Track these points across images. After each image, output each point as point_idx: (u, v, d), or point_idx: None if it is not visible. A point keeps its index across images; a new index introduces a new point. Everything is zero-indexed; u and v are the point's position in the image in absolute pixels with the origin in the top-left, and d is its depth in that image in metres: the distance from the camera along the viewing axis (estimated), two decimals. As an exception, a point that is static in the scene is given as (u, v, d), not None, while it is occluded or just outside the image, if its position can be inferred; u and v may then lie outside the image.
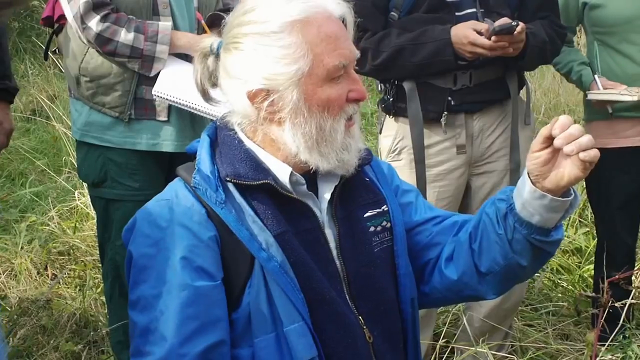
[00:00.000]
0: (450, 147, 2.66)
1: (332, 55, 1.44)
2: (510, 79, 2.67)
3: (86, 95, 2.65)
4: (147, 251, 1.43)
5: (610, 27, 2.85)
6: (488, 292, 1.60)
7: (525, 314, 3.36)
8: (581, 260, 3.78)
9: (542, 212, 1.43)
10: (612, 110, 2.82)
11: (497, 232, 1.50)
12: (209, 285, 1.40)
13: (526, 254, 1.50)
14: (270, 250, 1.42)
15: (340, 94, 1.46)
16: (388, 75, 2.65)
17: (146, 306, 1.41)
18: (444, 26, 2.52)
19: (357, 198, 1.57)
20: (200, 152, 1.49)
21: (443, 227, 1.64)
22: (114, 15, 2.53)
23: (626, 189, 2.95)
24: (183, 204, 1.43)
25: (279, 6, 1.43)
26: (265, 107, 1.44)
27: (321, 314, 1.46)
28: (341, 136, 1.47)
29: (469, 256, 1.56)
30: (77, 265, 3.85)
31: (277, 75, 1.42)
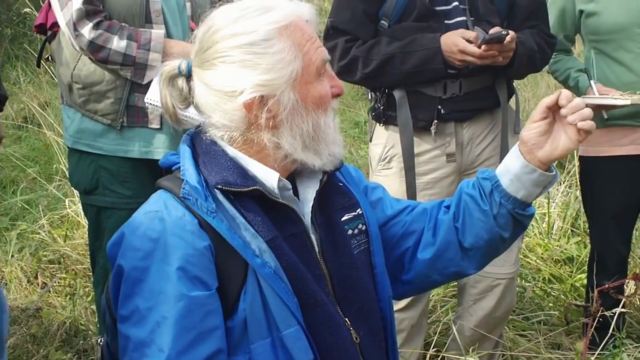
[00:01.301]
0: (440, 155, 2.67)
1: (317, 52, 1.49)
2: (500, 88, 2.68)
3: (78, 102, 2.65)
4: (138, 264, 1.42)
5: (605, 35, 2.87)
6: (470, 267, 1.72)
7: (516, 323, 3.36)
8: (573, 270, 3.78)
9: (528, 187, 1.59)
10: (607, 116, 2.83)
11: (483, 208, 1.63)
12: (205, 294, 1.40)
13: (508, 227, 1.64)
14: (264, 256, 1.43)
15: (327, 89, 1.51)
16: (378, 83, 2.66)
17: (140, 319, 1.40)
18: (433, 34, 2.53)
19: (334, 202, 1.60)
20: (183, 163, 1.49)
21: (415, 216, 1.73)
22: (107, 22, 2.53)
23: (620, 197, 2.96)
24: (174, 214, 1.43)
25: (261, 16, 1.47)
26: (263, 114, 1.46)
27: (314, 317, 1.48)
28: (331, 131, 1.52)
29: (453, 234, 1.68)
30: (68, 274, 3.84)
31: (273, 80, 1.45)
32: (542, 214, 4.25)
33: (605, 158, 2.93)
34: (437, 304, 3.44)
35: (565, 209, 4.30)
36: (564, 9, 2.95)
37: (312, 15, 1.54)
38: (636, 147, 2.90)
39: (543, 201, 4.34)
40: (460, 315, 2.86)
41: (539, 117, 1.55)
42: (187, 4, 2.70)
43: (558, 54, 3.03)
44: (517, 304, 3.43)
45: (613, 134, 2.91)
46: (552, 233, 4.11)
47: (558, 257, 3.90)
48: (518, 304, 3.45)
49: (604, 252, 3.05)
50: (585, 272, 3.71)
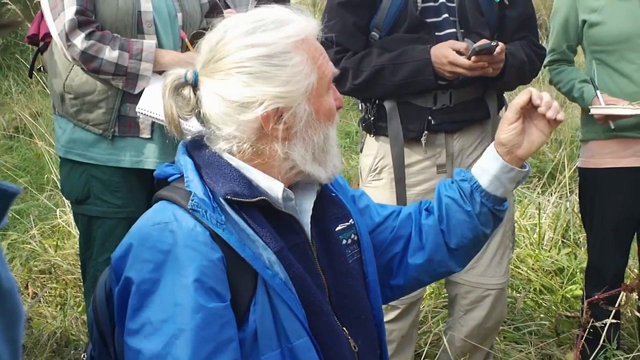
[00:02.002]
0: (431, 166, 2.68)
1: (329, 66, 1.52)
2: (490, 99, 2.69)
3: (70, 112, 2.65)
4: (149, 276, 1.40)
5: (608, 46, 2.86)
6: (456, 265, 1.78)
7: (507, 333, 3.37)
8: (564, 281, 3.79)
9: (506, 184, 1.68)
10: (614, 126, 2.81)
11: (466, 209, 1.70)
12: (221, 306, 1.40)
13: (489, 224, 1.72)
14: (274, 267, 1.44)
15: (333, 102, 1.54)
16: (369, 94, 2.67)
17: (153, 332, 1.38)
18: (424, 46, 2.54)
19: (328, 213, 1.61)
20: (187, 175, 1.47)
21: (401, 221, 1.76)
22: (99, 33, 2.54)
23: (620, 209, 2.94)
24: (185, 225, 1.41)
25: (278, 29, 1.47)
26: (280, 126, 1.46)
27: (320, 327, 1.49)
28: (335, 143, 1.55)
29: (440, 237, 1.73)
30: (58, 284, 3.83)
31: (291, 92, 1.45)
32: (533, 224, 4.27)
33: (606, 170, 2.91)
34: (427, 314, 3.44)
35: (556, 219, 4.31)
36: (567, 19, 2.94)
37: (317, 28, 1.55)
38: (638, 159, 2.89)
39: (534, 212, 4.35)
40: (451, 326, 2.86)
41: (514, 118, 1.64)
42: (178, 14, 2.71)
43: (561, 64, 3.03)
44: (508, 314, 3.43)
45: (615, 146, 2.90)
46: (542, 244, 4.12)
47: (549, 268, 3.91)
48: (509, 315, 3.46)
49: (601, 264, 3.03)
50: (576, 283, 3.73)
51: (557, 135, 5.90)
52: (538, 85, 6.79)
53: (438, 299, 3.58)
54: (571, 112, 6.20)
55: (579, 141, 3.80)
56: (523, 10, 2.73)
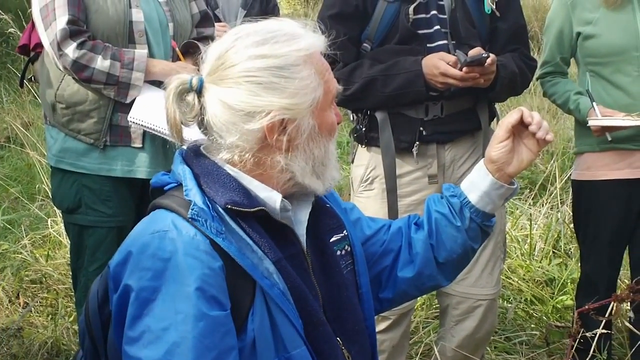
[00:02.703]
0: (422, 177, 2.68)
1: (334, 82, 1.55)
2: (481, 110, 2.70)
3: (62, 122, 2.66)
4: (149, 284, 1.40)
5: (603, 58, 2.86)
6: (444, 279, 1.80)
7: (498, 343, 3.37)
8: (554, 291, 3.80)
9: (495, 201, 1.71)
10: (611, 138, 2.81)
11: (456, 225, 1.72)
12: (223, 314, 1.40)
13: (478, 239, 1.75)
14: (273, 277, 1.45)
15: (334, 117, 1.56)
16: (360, 105, 2.68)
17: (153, 340, 1.38)
18: (415, 57, 2.55)
19: (323, 224, 1.62)
20: (186, 184, 1.48)
21: (392, 235, 1.78)
22: (91, 42, 2.55)
23: (616, 222, 2.94)
24: (185, 233, 1.41)
25: (290, 42, 1.49)
26: (283, 137, 1.47)
27: (317, 337, 1.50)
28: (335, 157, 1.57)
29: (429, 252, 1.75)
30: (49, 294, 3.81)
31: (297, 105, 1.47)
32: (524, 235, 4.28)
33: (601, 182, 2.91)
34: (419, 325, 3.44)
35: (547, 230, 4.33)
36: (561, 31, 2.94)
37: (323, 45, 1.57)
38: (632, 171, 2.88)
39: (525, 223, 4.37)
40: (442, 336, 2.86)
41: (504, 136, 1.66)
42: (169, 24, 2.72)
43: (555, 76, 3.03)
44: (499, 324, 3.44)
45: (609, 158, 2.90)
46: (534, 254, 4.14)
47: (540, 279, 3.92)
48: (500, 325, 3.47)
49: (595, 276, 3.03)
50: (567, 293, 3.74)
51: (549, 147, 5.92)
52: (530, 97, 6.83)
53: (429, 309, 3.58)
54: (563, 123, 6.24)
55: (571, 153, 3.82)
56: (514, 22, 2.75)
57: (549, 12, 3.08)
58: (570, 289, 3.73)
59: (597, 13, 2.87)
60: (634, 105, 2.81)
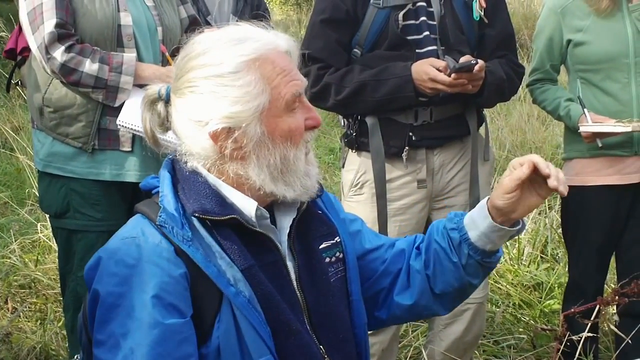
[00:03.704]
0: (411, 181, 2.70)
1: (288, 87, 1.49)
2: (470, 116, 2.73)
3: (49, 125, 2.65)
4: (115, 290, 1.42)
5: (594, 65, 2.88)
6: (441, 309, 1.77)
7: (487, 347, 3.39)
8: (542, 295, 3.83)
9: (495, 241, 1.63)
10: (602, 144, 2.82)
11: (452, 260, 1.67)
12: (180, 322, 1.41)
13: (477, 275, 1.70)
14: (238, 285, 1.44)
15: (299, 123, 1.52)
16: (350, 110, 2.70)
17: (115, 345, 1.40)
18: (405, 63, 2.57)
19: (313, 231, 1.62)
20: (162, 190, 1.50)
21: (394, 255, 1.75)
22: (79, 46, 2.55)
23: (603, 227, 2.96)
24: (151, 241, 1.44)
25: (232, 47, 1.48)
26: (229, 145, 1.47)
27: (288, 346, 1.49)
28: (302, 164, 1.52)
29: (425, 282, 1.72)
30: (38, 299, 3.80)
31: (239, 113, 1.46)
32: (512, 240, 4.31)
33: (590, 188, 2.92)
34: (408, 328, 3.46)
35: (535, 235, 4.36)
36: (551, 38, 2.96)
37: (292, 46, 1.55)
38: (621, 177, 2.90)
39: (513, 228, 4.39)
40: (431, 340, 2.88)
41: (512, 188, 1.55)
42: (158, 28, 2.73)
43: (544, 83, 3.04)
44: (487, 328, 3.46)
45: (599, 164, 2.91)
46: (522, 259, 4.16)
47: (528, 283, 3.94)
48: (488, 329, 3.49)
49: (583, 281, 3.04)
50: (555, 297, 3.76)
51: (537, 152, 5.97)
52: (520, 104, 6.87)
53: (419, 313, 3.59)
54: (552, 130, 6.28)
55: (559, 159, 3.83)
56: (502, 29, 2.78)
57: (539, 19, 3.10)
58: (558, 294, 3.75)
59: (587, 20, 2.90)
60: (624, 112, 2.84)
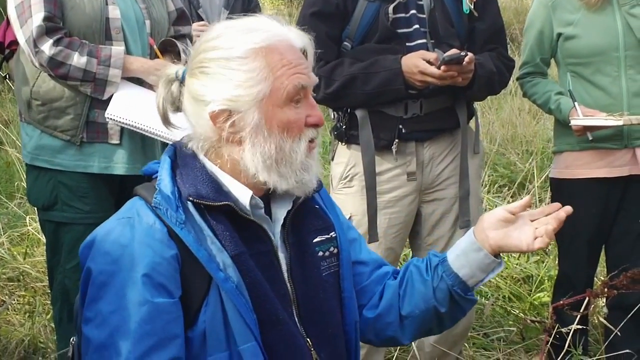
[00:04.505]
0: (401, 174, 2.70)
1: (291, 78, 1.51)
2: (460, 109, 2.73)
3: (37, 119, 2.64)
4: (107, 268, 1.43)
5: (584, 58, 2.89)
6: (404, 336, 1.74)
7: (476, 340, 3.40)
8: (532, 288, 3.84)
9: (472, 266, 1.62)
10: (592, 137, 2.83)
11: (425, 278, 1.67)
12: (168, 302, 1.42)
13: (445, 303, 1.66)
14: (227, 270, 1.45)
15: (299, 117, 1.52)
16: (341, 103, 2.69)
17: (102, 322, 1.42)
18: (395, 56, 2.57)
19: (307, 224, 1.62)
20: (161, 173, 1.52)
21: (378, 276, 1.75)
22: (67, 39, 2.54)
23: (593, 220, 2.97)
24: (145, 222, 1.46)
25: (244, 34, 1.51)
26: (227, 128, 1.49)
27: (273, 335, 1.49)
28: (301, 157, 1.52)
29: (396, 299, 1.71)
30: (27, 292, 3.79)
31: (240, 97, 1.48)
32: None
33: (580, 180, 2.94)
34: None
35: (526, 228, 4.36)
36: (542, 32, 2.97)
37: (307, 44, 1.57)
38: (611, 170, 2.91)
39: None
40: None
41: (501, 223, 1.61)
42: (146, 21, 2.72)
43: (535, 77, 3.05)
44: (477, 321, 3.47)
45: (588, 157, 2.92)
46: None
47: (518, 276, 3.95)
48: (478, 322, 3.50)
49: (573, 274, 3.05)
50: (544, 290, 3.77)
51: (528, 146, 5.98)
52: (511, 98, 6.88)
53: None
54: (543, 124, 6.30)
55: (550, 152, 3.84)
56: (492, 22, 2.77)
57: (529, 13, 3.11)
58: (548, 286, 3.76)
59: (577, 14, 2.90)
60: (614, 105, 2.85)
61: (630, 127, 2.82)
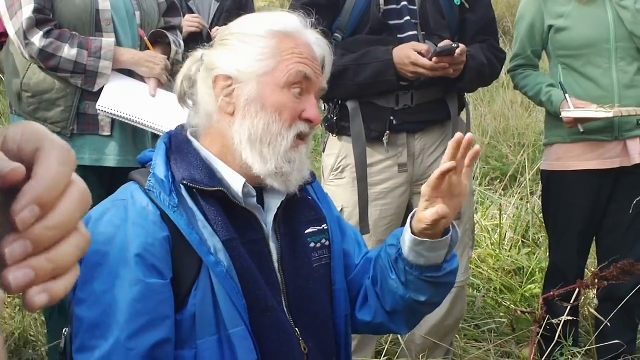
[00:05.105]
0: (392, 165, 2.71)
1: (297, 64, 1.53)
2: (451, 100, 2.73)
3: (28, 111, 2.63)
4: (100, 248, 1.44)
5: (575, 50, 2.90)
6: (400, 327, 1.72)
7: (467, 331, 3.41)
8: (523, 280, 3.85)
9: (425, 254, 1.55)
10: (583, 129, 2.84)
11: (391, 277, 1.62)
12: (160, 283, 1.43)
13: (423, 291, 1.60)
14: (218, 255, 1.46)
15: (295, 106, 1.53)
16: (332, 94, 2.68)
17: (96, 301, 1.42)
18: (386, 47, 2.57)
19: (300, 215, 1.63)
20: (155, 158, 1.53)
21: (363, 266, 1.73)
22: (57, 31, 2.53)
23: (584, 212, 2.98)
24: (139, 204, 1.47)
25: (269, 19, 1.58)
26: (223, 94, 1.52)
27: (262, 322, 1.50)
28: (286, 145, 1.52)
29: (376, 299, 1.68)
30: (18, 285, 3.77)
31: (244, 69, 1.52)
32: (494, 225, 4.33)
33: (571, 172, 2.95)
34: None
35: (517, 220, 4.38)
36: (533, 24, 2.97)
37: (327, 52, 1.59)
38: (602, 162, 2.92)
39: (495, 213, 4.41)
40: (412, 324, 2.88)
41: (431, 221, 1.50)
42: (136, 13, 2.71)
43: (526, 69, 3.06)
44: (468, 313, 3.48)
45: (580, 149, 2.93)
46: (503, 244, 4.18)
47: (509, 268, 3.96)
48: (469, 313, 3.50)
49: (564, 266, 3.06)
50: (536, 282, 3.79)
51: (520, 139, 5.99)
52: (503, 91, 6.89)
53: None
54: (535, 116, 6.31)
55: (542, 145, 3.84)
56: (484, 14, 2.77)
57: (520, 5, 3.11)
58: (539, 278, 3.77)
59: (568, 6, 2.91)
60: (605, 97, 2.86)
61: (621, 119, 2.83)
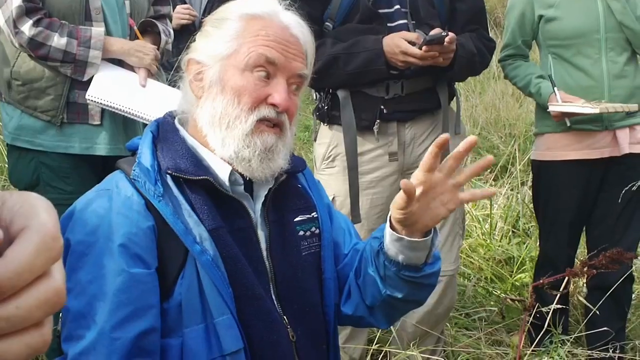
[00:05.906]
0: (383, 154, 2.72)
1: (259, 47, 1.51)
2: (441, 89, 2.74)
3: (17, 99, 2.63)
4: (85, 238, 1.44)
5: (565, 40, 2.91)
6: (380, 322, 1.71)
7: (458, 320, 3.43)
8: (513, 269, 3.88)
9: (404, 252, 1.51)
10: (570, 123, 2.86)
11: (370, 269, 1.60)
12: (145, 272, 1.43)
13: (400, 288, 1.57)
14: (204, 244, 1.45)
15: (257, 90, 1.51)
16: (322, 83, 2.70)
17: (81, 291, 1.42)
18: (376, 36, 2.58)
19: (289, 203, 1.63)
20: (141, 147, 1.53)
21: (351, 257, 1.71)
22: (47, 20, 2.52)
23: (574, 201, 3.00)
24: (123, 193, 1.46)
25: (246, 3, 1.57)
26: (195, 78, 1.54)
27: (249, 310, 1.50)
28: (245, 129, 1.50)
29: (357, 292, 1.67)
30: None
31: (209, 51, 1.54)
32: (485, 215, 4.35)
33: (561, 162, 2.96)
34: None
35: (507, 210, 4.40)
36: (523, 14, 2.98)
37: (302, 30, 1.57)
38: (592, 152, 2.94)
39: (486, 203, 4.43)
40: (403, 312, 2.90)
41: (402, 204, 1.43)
42: (126, 2, 2.70)
43: (516, 59, 3.07)
44: (459, 302, 3.50)
45: (569, 139, 2.95)
46: (494, 234, 4.21)
47: (500, 258, 3.99)
48: (460, 302, 3.53)
49: (554, 255, 3.08)
50: (526, 271, 3.81)
51: (511, 129, 6.01)
52: (494, 82, 6.90)
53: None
54: (526, 107, 6.33)
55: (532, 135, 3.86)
56: (473, 3, 2.78)
57: None
58: (529, 267, 3.80)
59: None
60: (595, 87, 2.87)
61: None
